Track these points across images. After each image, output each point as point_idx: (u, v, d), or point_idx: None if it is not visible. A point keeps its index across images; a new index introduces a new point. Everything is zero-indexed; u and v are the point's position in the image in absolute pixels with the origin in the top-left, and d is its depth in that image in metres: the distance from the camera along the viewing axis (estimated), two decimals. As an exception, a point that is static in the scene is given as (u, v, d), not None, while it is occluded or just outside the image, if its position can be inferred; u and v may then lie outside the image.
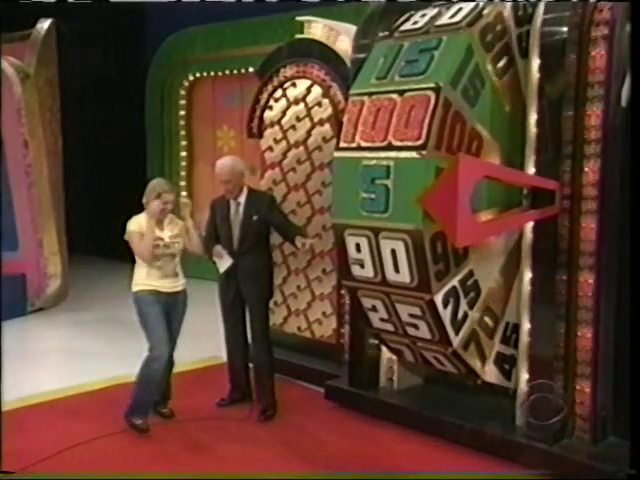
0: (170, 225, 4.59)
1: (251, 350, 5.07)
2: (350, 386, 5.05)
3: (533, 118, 4.10)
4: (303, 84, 5.67)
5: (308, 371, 5.52)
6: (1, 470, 3.65)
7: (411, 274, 4.08)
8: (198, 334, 4.73)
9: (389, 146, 4.08)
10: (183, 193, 10.09)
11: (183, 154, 10.34)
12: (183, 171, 10.33)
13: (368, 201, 4.16)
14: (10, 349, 4.56)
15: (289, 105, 5.77)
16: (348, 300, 5.04)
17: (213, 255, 4.90)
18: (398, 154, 4.03)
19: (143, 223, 4.51)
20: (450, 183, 3.76)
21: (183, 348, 4.86)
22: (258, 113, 5.90)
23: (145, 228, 4.48)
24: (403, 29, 4.42)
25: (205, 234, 4.97)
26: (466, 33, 4.06)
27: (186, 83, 10.23)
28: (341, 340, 5.51)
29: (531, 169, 4.13)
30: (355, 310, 4.77)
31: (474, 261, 4.24)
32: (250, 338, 5.05)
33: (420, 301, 4.13)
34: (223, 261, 4.87)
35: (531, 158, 4.13)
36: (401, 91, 4.12)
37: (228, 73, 9.66)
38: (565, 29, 3.95)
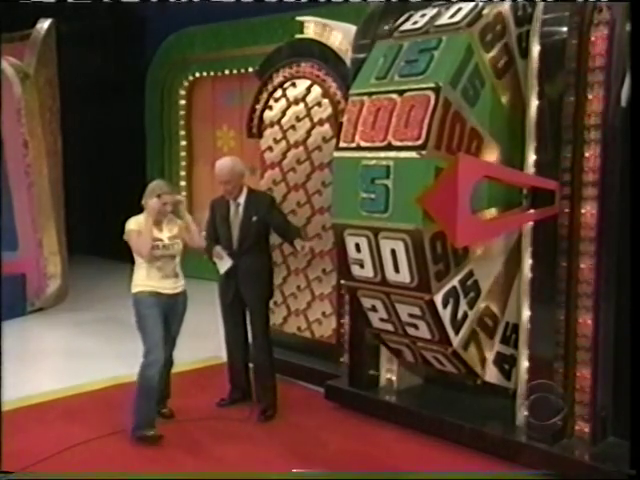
0: (169, 226, 4.57)
1: (251, 350, 5.07)
2: (350, 386, 5.05)
3: (533, 118, 4.10)
4: (303, 84, 5.66)
5: (308, 371, 5.52)
6: (1, 470, 3.65)
7: (411, 274, 4.08)
8: (198, 334, 4.74)
9: (389, 146, 4.08)
10: (183, 193, 10.09)
11: (183, 154, 10.34)
12: (183, 171, 10.34)
13: (368, 201, 4.16)
14: (10, 349, 4.56)
15: (289, 105, 5.77)
16: (348, 300, 5.04)
17: (213, 256, 4.90)
18: (398, 154, 4.03)
19: (142, 222, 4.50)
20: (450, 183, 3.76)
21: (183, 348, 4.85)
22: (258, 113, 5.89)
23: (143, 226, 4.48)
24: (403, 29, 4.42)
25: (205, 234, 4.97)
26: (466, 33, 4.06)
27: (186, 83, 10.24)
28: (341, 340, 5.51)
29: (531, 169, 4.14)
30: (355, 310, 4.77)
31: (474, 261, 4.24)
32: (250, 338, 5.05)
33: (420, 301, 4.13)
34: (223, 262, 4.86)
35: (531, 158, 4.13)
36: (401, 91, 4.12)
37: (228, 73, 9.66)
38: (565, 29, 3.95)
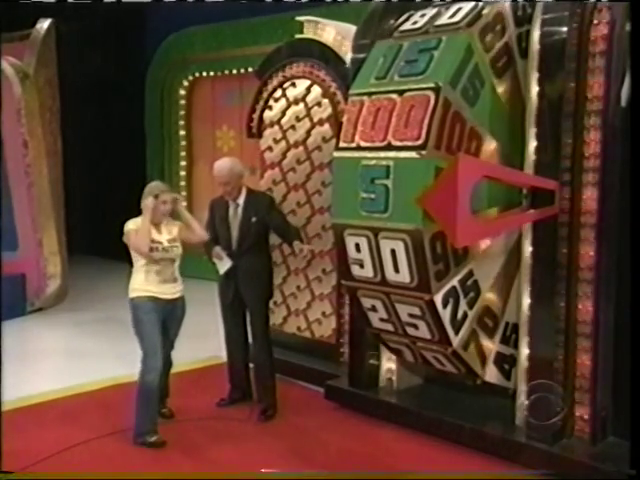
0: (168, 228, 4.51)
1: (251, 350, 5.07)
2: (350, 386, 5.05)
3: (533, 118, 4.10)
4: (303, 84, 5.66)
5: (308, 371, 5.52)
6: (1, 470, 3.65)
7: (411, 274, 4.08)
8: (198, 334, 4.74)
9: (389, 146, 4.08)
10: (183, 193, 10.10)
11: (183, 154, 10.34)
12: (183, 171, 10.34)
13: (368, 201, 4.16)
14: (10, 349, 4.56)
15: (289, 105, 5.77)
16: (348, 300, 5.04)
17: (213, 256, 4.89)
18: (398, 154, 4.03)
19: (140, 221, 4.44)
20: (450, 183, 3.76)
21: (183, 348, 4.85)
22: (258, 113, 5.89)
23: (141, 224, 4.41)
24: (403, 29, 4.42)
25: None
26: (466, 33, 4.06)
27: (186, 83, 10.24)
28: (341, 340, 5.51)
29: (531, 169, 4.13)
30: (355, 310, 4.77)
31: (474, 261, 4.24)
32: (250, 338, 5.05)
33: (420, 301, 4.13)
34: (223, 263, 4.86)
35: (531, 158, 4.12)
36: (401, 91, 4.11)
37: (228, 73, 9.66)
38: (565, 29, 3.95)
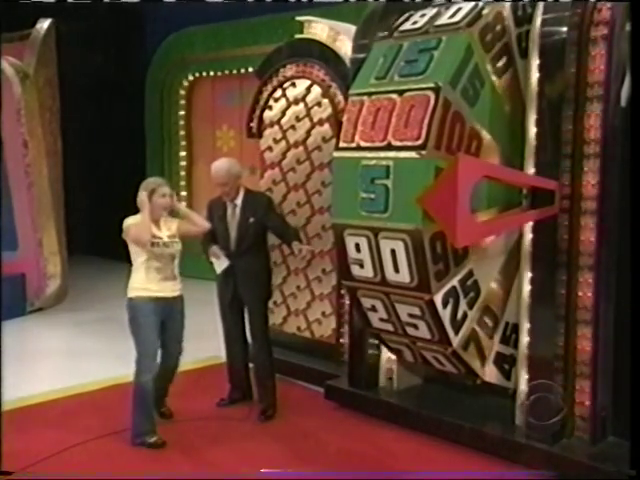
0: (167, 224, 4.49)
1: (251, 350, 5.07)
2: (350, 386, 5.05)
3: (533, 118, 4.10)
4: (303, 84, 5.66)
5: (308, 371, 5.52)
6: (1, 470, 3.65)
7: (411, 274, 4.08)
8: (198, 334, 4.73)
9: (389, 146, 4.08)
10: (183, 193, 10.11)
11: (183, 154, 10.34)
12: (183, 171, 10.34)
13: (368, 201, 4.16)
14: (10, 349, 4.56)
15: (289, 105, 5.77)
16: (348, 300, 5.04)
17: (210, 255, 4.89)
18: (398, 154, 4.03)
19: (139, 217, 4.40)
20: (450, 183, 3.76)
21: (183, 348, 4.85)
22: (258, 113, 5.89)
23: (140, 218, 4.37)
24: (403, 29, 4.42)
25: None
26: (465, 33, 4.05)
27: (186, 83, 10.24)
28: (341, 340, 5.51)
29: (531, 169, 4.14)
30: (355, 310, 4.77)
31: (474, 261, 4.24)
32: (250, 338, 5.05)
33: (420, 301, 4.13)
34: (220, 262, 4.86)
35: (531, 158, 4.13)
36: (401, 91, 4.11)
37: (228, 73, 9.66)
38: (565, 29, 3.95)
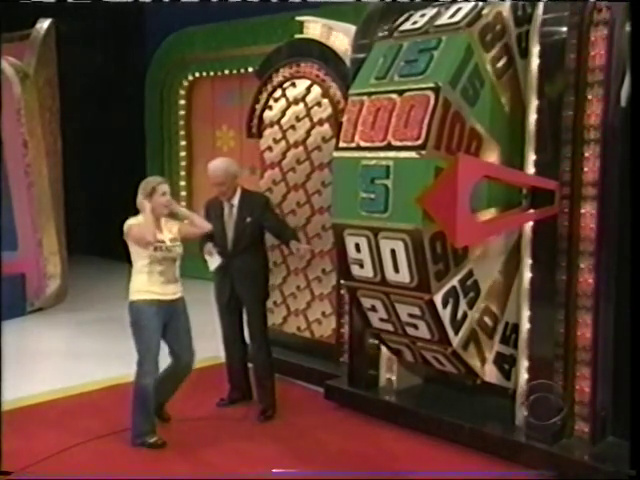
0: (168, 227, 4.48)
1: (250, 350, 5.07)
2: (350, 386, 5.05)
3: (533, 118, 4.10)
4: (303, 84, 5.66)
5: (308, 371, 5.52)
6: (1, 470, 3.65)
7: (411, 274, 4.08)
8: (197, 334, 4.73)
9: (388, 146, 4.08)
10: (183, 193, 10.11)
11: (183, 154, 10.34)
12: (183, 171, 10.34)
13: (367, 201, 4.16)
14: (10, 349, 4.56)
15: (289, 105, 5.77)
16: (348, 300, 5.04)
17: (204, 252, 4.89)
18: (397, 154, 4.03)
19: (141, 219, 4.38)
20: (450, 183, 3.76)
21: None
22: (257, 113, 5.89)
23: (143, 220, 4.34)
24: (402, 29, 4.41)
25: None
26: (465, 33, 4.05)
27: (185, 83, 10.23)
28: (341, 340, 5.51)
29: (531, 169, 4.14)
30: (355, 310, 4.77)
31: (474, 261, 4.24)
32: (248, 338, 5.05)
33: (420, 301, 4.13)
34: (213, 259, 4.86)
35: (531, 158, 4.13)
36: (400, 91, 4.11)
37: (227, 73, 9.66)
38: (564, 29, 3.95)
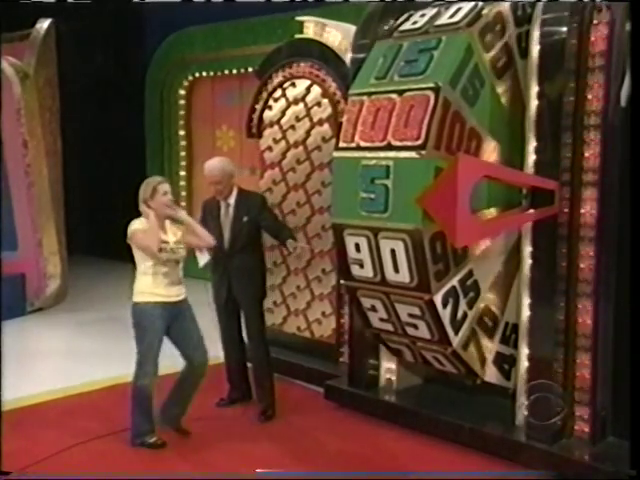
0: (172, 229, 4.44)
1: (248, 350, 5.07)
2: (350, 386, 5.05)
3: (533, 118, 4.10)
4: (302, 84, 5.66)
5: (308, 371, 5.52)
6: (0, 470, 3.65)
7: (410, 274, 4.08)
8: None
9: (388, 146, 4.08)
10: (183, 193, 10.11)
11: (183, 154, 10.34)
12: (183, 171, 10.33)
13: (367, 201, 4.16)
14: (10, 349, 4.56)
15: (288, 105, 5.76)
16: (348, 300, 5.04)
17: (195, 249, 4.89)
18: (397, 154, 4.03)
19: (145, 222, 4.35)
20: (450, 183, 3.76)
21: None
22: (257, 113, 5.89)
23: (147, 224, 4.31)
24: (402, 29, 4.42)
25: None
26: (465, 33, 4.06)
27: (186, 83, 10.23)
28: (341, 340, 5.51)
29: (531, 169, 4.13)
30: (355, 310, 4.77)
31: (474, 261, 4.24)
32: (246, 338, 5.04)
33: (419, 301, 4.13)
34: (202, 256, 4.86)
35: (531, 158, 4.12)
36: (400, 91, 4.11)
37: (227, 73, 9.65)
38: (565, 29, 3.95)
